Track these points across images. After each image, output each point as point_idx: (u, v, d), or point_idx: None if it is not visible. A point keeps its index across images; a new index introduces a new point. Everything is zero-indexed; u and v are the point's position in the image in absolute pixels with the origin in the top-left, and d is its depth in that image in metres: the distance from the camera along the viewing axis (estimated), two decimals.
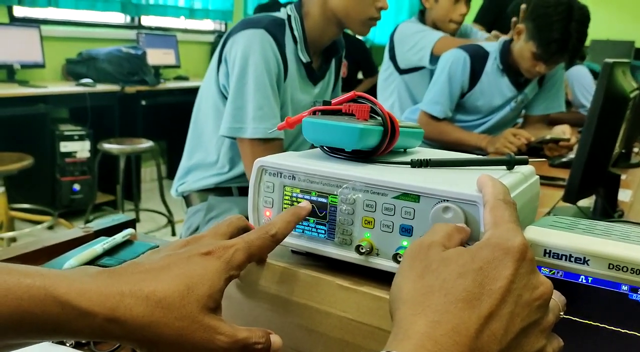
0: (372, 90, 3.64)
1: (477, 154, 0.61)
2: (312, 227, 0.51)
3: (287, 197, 0.52)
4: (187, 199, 1.45)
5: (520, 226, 0.37)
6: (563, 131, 1.80)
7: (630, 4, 5.20)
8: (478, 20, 3.14)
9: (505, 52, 1.88)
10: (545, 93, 2.06)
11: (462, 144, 1.90)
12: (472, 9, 2.42)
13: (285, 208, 0.52)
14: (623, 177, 1.13)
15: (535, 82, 1.99)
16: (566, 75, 2.47)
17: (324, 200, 0.50)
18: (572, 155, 1.65)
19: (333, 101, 0.56)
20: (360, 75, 4.49)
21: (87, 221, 3.11)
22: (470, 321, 0.31)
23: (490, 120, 2.01)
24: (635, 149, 1.56)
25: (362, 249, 0.48)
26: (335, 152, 0.55)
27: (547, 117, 2.12)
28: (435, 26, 2.31)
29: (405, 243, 0.47)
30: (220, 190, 1.41)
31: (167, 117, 3.91)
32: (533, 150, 1.77)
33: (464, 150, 1.86)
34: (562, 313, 0.37)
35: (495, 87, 1.93)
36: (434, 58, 2.14)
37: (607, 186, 1.08)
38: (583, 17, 1.68)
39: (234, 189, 1.41)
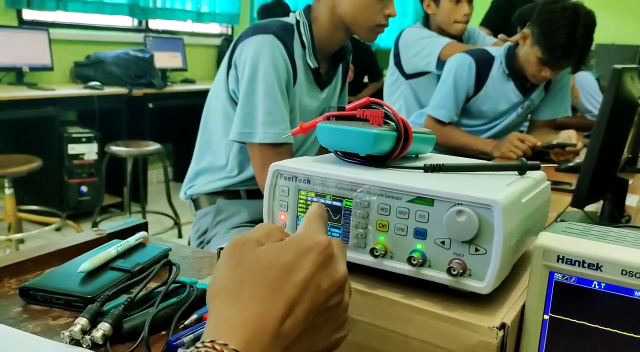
0: (377, 95, 3.65)
1: (483, 159, 0.62)
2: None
3: (302, 201, 0.53)
4: (195, 202, 1.47)
5: (326, 228, 0.45)
6: (569, 136, 1.80)
7: (635, 9, 5.20)
8: (485, 24, 3.14)
9: (511, 56, 1.88)
10: (552, 98, 2.05)
11: (468, 148, 1.90)
12: (479, 11, 2.42)
13: (300, 212, 0.53)
14: (630, 182, 1.13)
15: (541, 88, 1.99)
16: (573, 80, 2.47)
17: (338, 204, 0.51)
18: (578, 159, 1.64)
19: (347, 107, 0.56)
20: (365, 79, 4.50)
21: (95, 223, 3.13)
22: (276, 308, 0.35)
23: (497, 126, 2.01)
24: None
25: (376, 252, 0.49)
26: (349, 157, 0.55)
27: (553, 121, 2.12)
28: (441, 30, 2.31)
29: (419, 246, 0.48)
30: (229, 193, 1.42)
31: (174, 120, 3.93)
32: (539, 155, 1.77)
33: (469, 155, 1.87)
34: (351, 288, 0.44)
35: (500, 91, 1.94)
36: (441, 63, 2.15)
37: (615, 191, 1.09)
38: (589, 22, 1.67)
39: (242, 192, 1.42)
